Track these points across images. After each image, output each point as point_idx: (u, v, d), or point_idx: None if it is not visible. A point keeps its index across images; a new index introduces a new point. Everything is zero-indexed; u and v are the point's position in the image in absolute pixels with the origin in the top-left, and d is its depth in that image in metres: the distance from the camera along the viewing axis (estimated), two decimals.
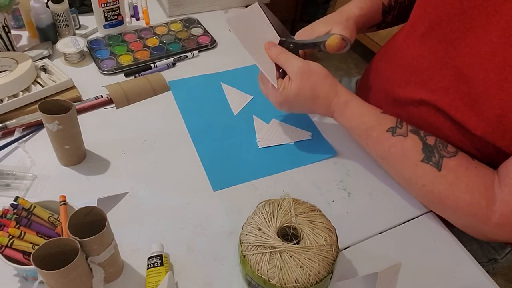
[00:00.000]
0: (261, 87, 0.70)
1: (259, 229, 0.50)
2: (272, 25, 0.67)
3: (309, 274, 0.46)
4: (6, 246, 0.48)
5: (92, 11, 0.91)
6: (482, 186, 0.54)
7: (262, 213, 0.52)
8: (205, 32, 0.97)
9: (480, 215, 0.53)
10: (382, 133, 0.61)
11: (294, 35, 0.70)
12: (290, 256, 0.47)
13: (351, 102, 0.64)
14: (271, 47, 0.66)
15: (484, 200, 0.53)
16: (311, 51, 0.72)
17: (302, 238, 0.49)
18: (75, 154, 0.66)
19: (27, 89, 0.75)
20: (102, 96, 0.77)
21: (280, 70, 0.66)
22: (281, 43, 0.67)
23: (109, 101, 0.77)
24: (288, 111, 0.69)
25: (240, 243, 0.50)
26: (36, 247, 0.43)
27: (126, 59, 0.87)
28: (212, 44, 0.93)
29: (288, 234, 0.51)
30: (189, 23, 0.99)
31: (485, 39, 0.53)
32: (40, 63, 0.80)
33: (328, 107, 0.65)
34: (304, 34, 0.71)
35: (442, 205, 0.58)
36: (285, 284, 0.46)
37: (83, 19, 0.96)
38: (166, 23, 0.98)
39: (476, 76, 0.53)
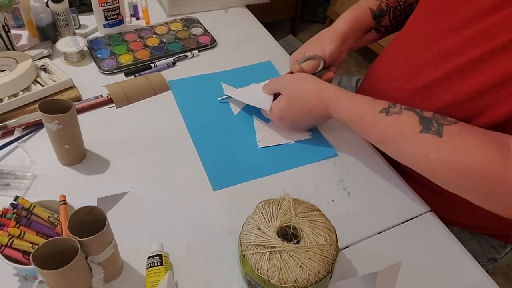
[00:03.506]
0: (265, 115, 0.76)
1: (259, 229, 0.50)
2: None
3: (308, 273, 0.46)
4: (6, 246, 0.48)
5: (92, 10, 0.91)
6: (493, 143, 0.50)
7: (262, 212, 0.52)
8: (205, 31, 0.97)
9: (495, 172, 0.49)
10: (376, 115, 0.60)
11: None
12: (290, 256, 0.47)
13: (341, 95, 0.65)
14: (264, 86, 0.75)
15: (497, 155, 0.49)
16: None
17: (302, 238, 0.49)
18: (75, 154, 0.66)
19: (27, 89, 0.75)
20: (102, 96, 0.77)
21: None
22: None
23: (109, 101, 0.77)
24: (289, 124, 0.72)
25: (240, 243, 0.51)
26: (36, 246, 0.43)
27: (126, 59, 0.87)
28: (212, 43, 0.93)
29: (288, 234, 0.51)
30: (189, 22, 0.99)
31: (493, 22, 0.52)
32: (40, 63, 0.80)
33: (320, 104, 0.66)
34: (297, 55, 0.77)
35: (453, 172, 0.52)
36: (284, 284, 0.46)
37: (83, 19, 0.96)
38: (166, 23, 0.98)
39: (488, 58, 0.52)
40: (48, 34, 0.87)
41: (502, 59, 0.51)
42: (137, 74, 0.84)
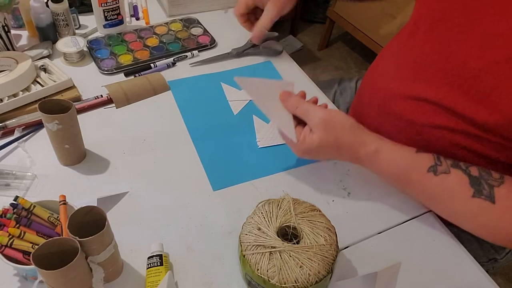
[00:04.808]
0: (283, 139, 0.67)
1: (259, 229, 0.50)
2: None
3: (308, 273, 0.46)
4: (6, 246, 0.48)
5: (92, 10, 0.91)
6: None
7: (262, 212, 0.52)
8: (205, 31, 0.97)
9: None
10: (423, 174, 0.57)
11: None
12: (290, 256, 0.47)
13: (381, 149, 0.60)
14: (287, 98, 0.64)
15: None
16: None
17: (302, 238, 0.49)
18: (75, 154, 0.66)
19: (27, 89, 0.75)
20: (102, 96, 0.77)
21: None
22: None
23: (109, 101, 0.77)
24: (311, 158, 0.68)
25: (240, 243, 0.51)
26: (36, 246, 0.43)
27: (126, 59, 0.87)
28: (212, 43, 0.93)
29: (288, 234, 0.51)
30: (189, 22, 0.99)
31: (492, 31, 0.52)
32: (40, 63, 0.80)
33: (355, 158, 0.62)
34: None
35: (501, 236, 0.55)
36: (284, 284, 0.46)
37: (83, 19, 0.96)
38: (166, 23, 0.98)
39: (486, 69, 0.52)
40: (48, 34, 0.87)
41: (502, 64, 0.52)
42: (137, 74, 0.84)
